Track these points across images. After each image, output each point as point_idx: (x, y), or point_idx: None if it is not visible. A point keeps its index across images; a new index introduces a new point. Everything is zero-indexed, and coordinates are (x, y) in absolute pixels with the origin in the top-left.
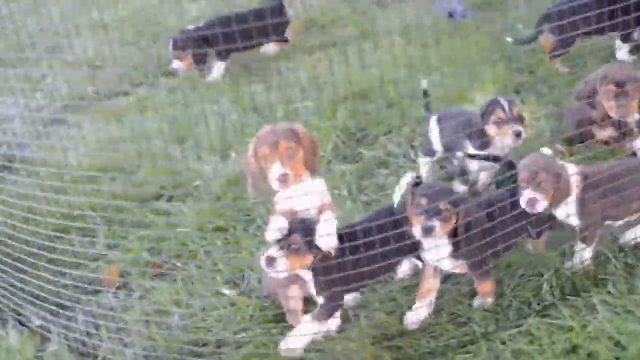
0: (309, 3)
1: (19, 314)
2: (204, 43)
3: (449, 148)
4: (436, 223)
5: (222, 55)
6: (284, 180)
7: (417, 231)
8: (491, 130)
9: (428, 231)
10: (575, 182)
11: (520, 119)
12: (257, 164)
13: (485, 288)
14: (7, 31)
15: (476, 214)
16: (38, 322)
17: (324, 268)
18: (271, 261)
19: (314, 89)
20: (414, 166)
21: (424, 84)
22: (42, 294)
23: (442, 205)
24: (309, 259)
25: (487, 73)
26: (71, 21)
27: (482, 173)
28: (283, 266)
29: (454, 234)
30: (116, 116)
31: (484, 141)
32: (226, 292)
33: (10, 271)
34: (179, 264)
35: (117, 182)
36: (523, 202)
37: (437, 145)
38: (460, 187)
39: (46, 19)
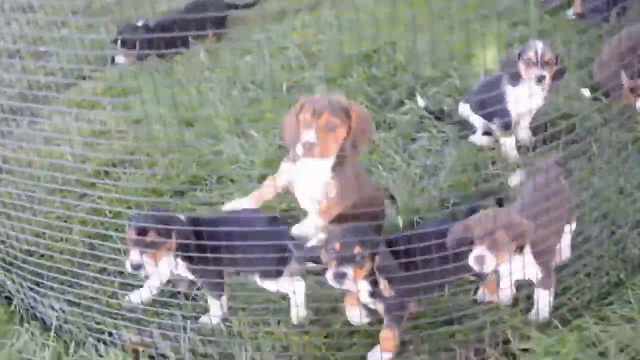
0: None
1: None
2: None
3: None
4: (349, 270)
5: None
6: (309, 148)
7: (328, 277)
8: (521, 69)
9: (340, 277)
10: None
11: (548, 65)
12: (295, 125)
13: (387, 339)
14: None
15: (391, 258)
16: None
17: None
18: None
19: (308, 56)
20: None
21: (420, 101)
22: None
23: (356, 250)
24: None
25: (483, 29)
26: None
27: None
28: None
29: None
30: (90, 103)
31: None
32: None
33: (58, 286)
34: None
35: (138, 176)
36: (470, 260)
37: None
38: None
39: None
